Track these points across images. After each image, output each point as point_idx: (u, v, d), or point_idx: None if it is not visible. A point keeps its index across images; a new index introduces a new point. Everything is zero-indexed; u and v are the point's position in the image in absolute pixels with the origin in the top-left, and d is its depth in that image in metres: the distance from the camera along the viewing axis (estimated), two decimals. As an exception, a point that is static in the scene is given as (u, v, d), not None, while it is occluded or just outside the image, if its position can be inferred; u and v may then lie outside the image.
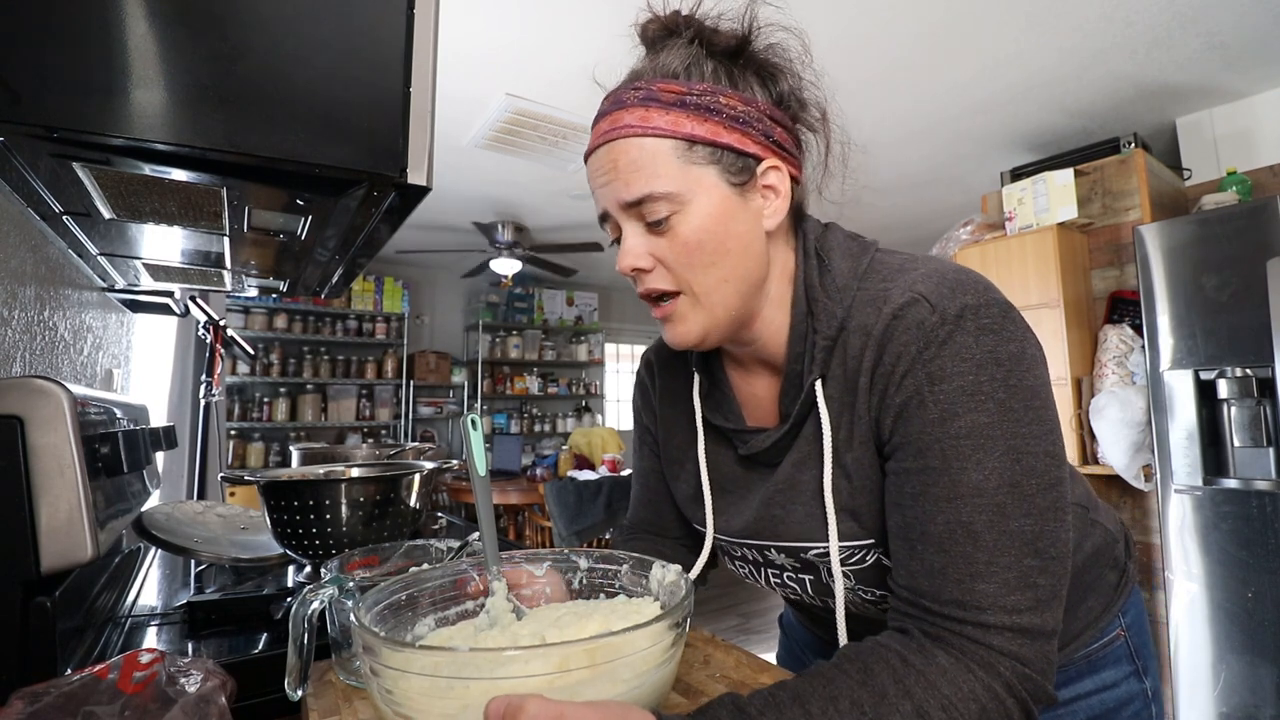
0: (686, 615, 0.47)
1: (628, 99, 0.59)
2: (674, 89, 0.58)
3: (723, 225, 0.58)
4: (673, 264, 0.59)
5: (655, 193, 0.57)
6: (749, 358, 0.69)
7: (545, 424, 6.21)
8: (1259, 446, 2.06)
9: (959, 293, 0.54)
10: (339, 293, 1.14)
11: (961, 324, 0.52)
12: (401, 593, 0.54)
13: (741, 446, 0.68)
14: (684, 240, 0.58)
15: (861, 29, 2.21)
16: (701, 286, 0.59)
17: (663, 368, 0.81)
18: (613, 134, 0.59)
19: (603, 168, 0.59)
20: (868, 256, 0.62)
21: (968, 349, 0.52)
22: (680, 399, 0.77)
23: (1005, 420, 0.51)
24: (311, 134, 0.58)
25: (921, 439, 0.52)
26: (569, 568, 0.63)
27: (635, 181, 0.57)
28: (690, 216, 0.58)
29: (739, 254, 0.60)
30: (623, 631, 0.42)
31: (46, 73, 0.49)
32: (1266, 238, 2.04)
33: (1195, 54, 2.39)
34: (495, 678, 0.39)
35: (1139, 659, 0.72)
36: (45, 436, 0.53)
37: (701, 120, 0.57)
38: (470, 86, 2.60)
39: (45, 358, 0.94)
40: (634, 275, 0.61)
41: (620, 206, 0.59)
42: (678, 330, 0.62)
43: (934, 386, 0.52)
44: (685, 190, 0.57)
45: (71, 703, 0.44)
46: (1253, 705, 2.01)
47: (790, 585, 0.68)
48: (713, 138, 0.58)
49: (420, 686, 0.40)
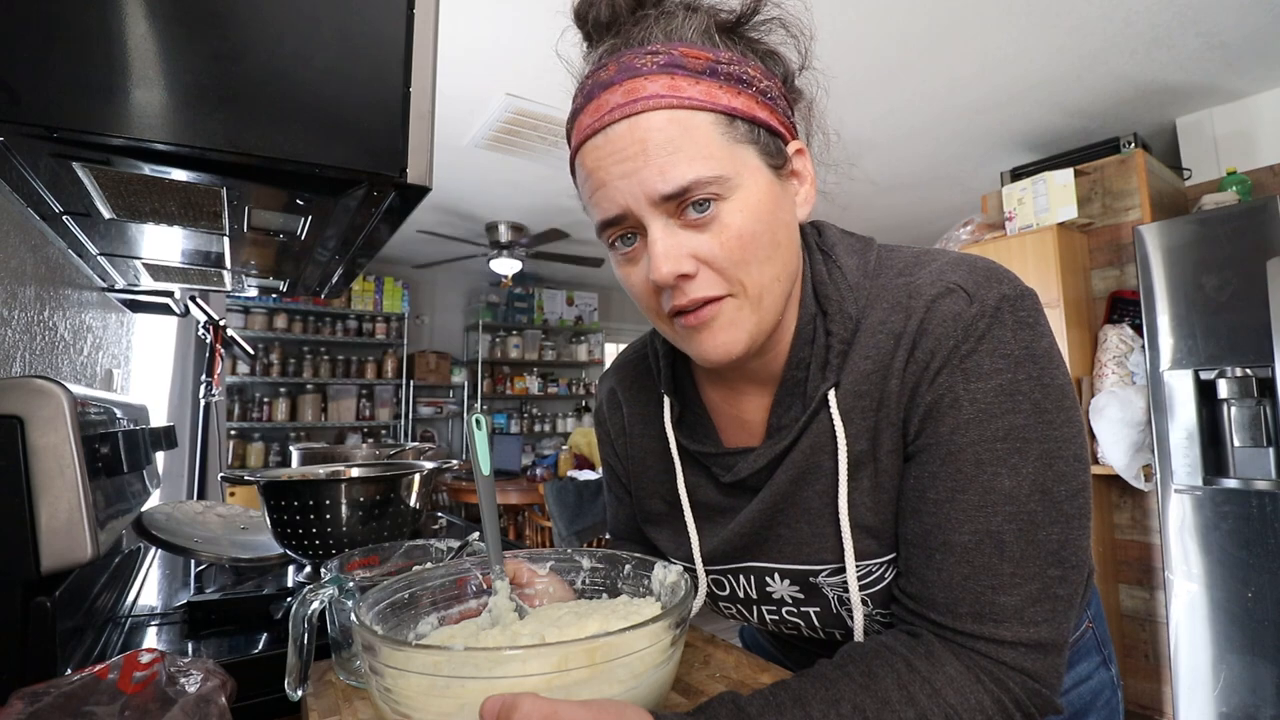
0: (686, 616, 0.47)
1: (643, 65, 0.48)
2: (700, 55, 0.49)
3: (772, 213, 0.50)
4: (722, 263, 0.49)
5: (702, 177, 0.47)
6: (739, 374, 0.61)
7: (545, 424, 6.21)
8: (1259, 446, 2.06)
9: (994, 282, 0.50)
10: (339, 293, 1.14)
11: (1000, 316, 0.48)
12: (404, 591, 0.54)
13: (725, 474, 0.61)
14: (736, 233, 0.49)
15: (860, 27, 2.21)
16: (755, 285, 0.50)
17: (629, 396, 0.71)
18: (634, 106, 0.47)
19: (623, 151, 0.48)
20: (873, 252, 0.58)
21: (1006, 344, 0.48)
22: (651, 427, 0.68)
23: (1040, 423, 0.47)
24: (311, 134, 0.58)
25: (953, 441, 0.48)
26: (571, 568, 0.63)
27: (675, 165, 0.47)
28: (740, 204, 0.49)
29: (786, 246, 0.52)
30: (620, 631, 0.42)
31: (46, 73, 0.49)
32: (1266, 238, 2.04)
33: (1195, 54, 2.38)
34: (493, 677, 0.39)
35: (1104, 648, 0.69)
36: (45, 436, 0.53)
37: (736, 92, 0.49)
38: (470, 86, 2.60)
39: (45, 358, 0.94)
40: (675, 285, 0.50)
41: (653, 201, 0.48)
42: (721, 340, 0.51)
43: (969, 384, 0.48)
44: (733, 173, 0.48)
45: (71, 703, 0.44)
46: (1253, 705, 2.01)
47: (791, 621, 0.61)
48: (750, 113, 0.49)
49: (419, 685, 0.40)
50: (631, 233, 0.51)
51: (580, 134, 0.51)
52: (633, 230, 0.51)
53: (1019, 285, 0.50)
